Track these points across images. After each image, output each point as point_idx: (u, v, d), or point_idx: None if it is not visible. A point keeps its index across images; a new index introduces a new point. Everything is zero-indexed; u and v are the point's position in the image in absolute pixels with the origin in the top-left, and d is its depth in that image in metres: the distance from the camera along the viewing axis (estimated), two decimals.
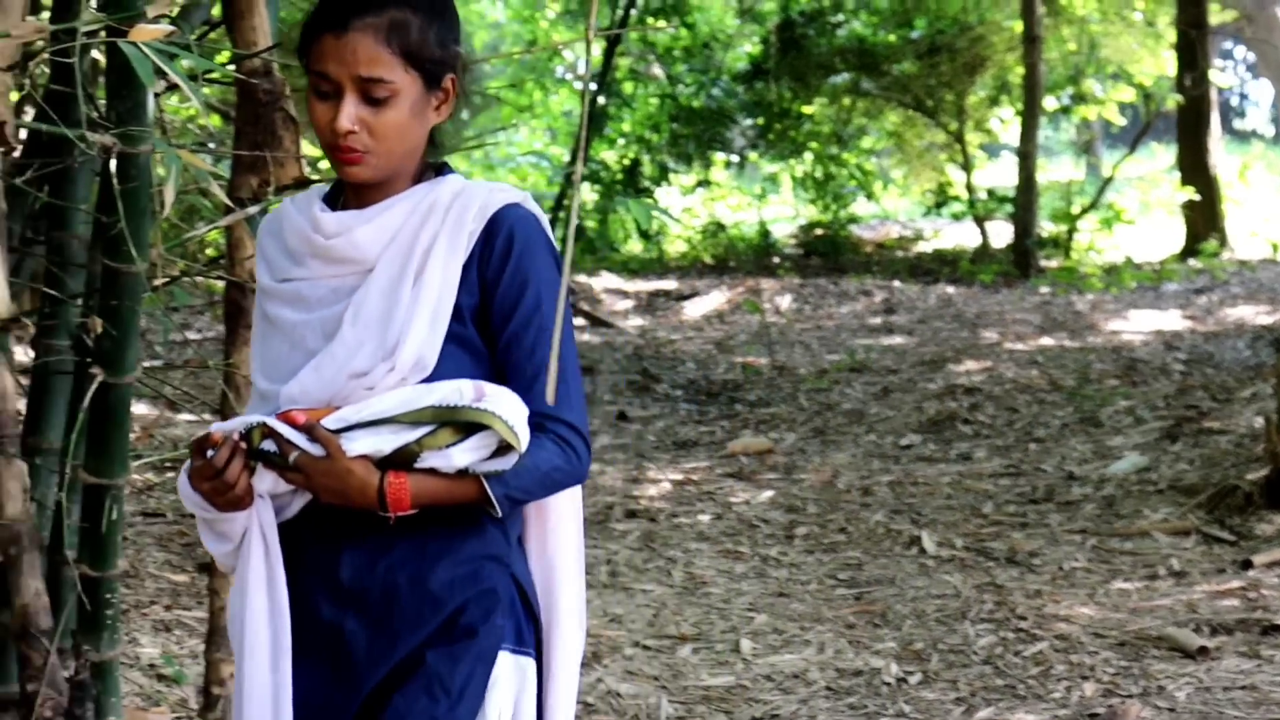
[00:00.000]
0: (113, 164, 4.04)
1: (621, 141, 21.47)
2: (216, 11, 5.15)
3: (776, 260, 20.53)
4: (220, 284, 4.86)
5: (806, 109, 21.43)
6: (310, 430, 2.77)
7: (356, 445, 2.76)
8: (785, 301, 16.79)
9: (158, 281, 4.35)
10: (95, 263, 4.42)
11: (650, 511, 8.66)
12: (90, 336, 4.21)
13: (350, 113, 2.79)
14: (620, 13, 13.35)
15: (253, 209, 4.29)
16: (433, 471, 2.78)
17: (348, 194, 2.93)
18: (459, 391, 2.76)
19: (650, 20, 19.63)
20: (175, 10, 4.07)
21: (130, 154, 4.04)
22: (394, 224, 2.86)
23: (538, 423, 2.80)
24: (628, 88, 21.36)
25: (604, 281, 17.96)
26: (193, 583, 6.76)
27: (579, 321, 15.23)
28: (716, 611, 6.93)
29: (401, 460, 2.77)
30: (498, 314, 2.85)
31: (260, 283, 2.96)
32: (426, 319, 2.81)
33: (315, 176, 4.58)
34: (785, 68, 20.65)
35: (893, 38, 20.48)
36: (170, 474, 8.17)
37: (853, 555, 7.79)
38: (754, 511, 8.67)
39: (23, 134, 4.84)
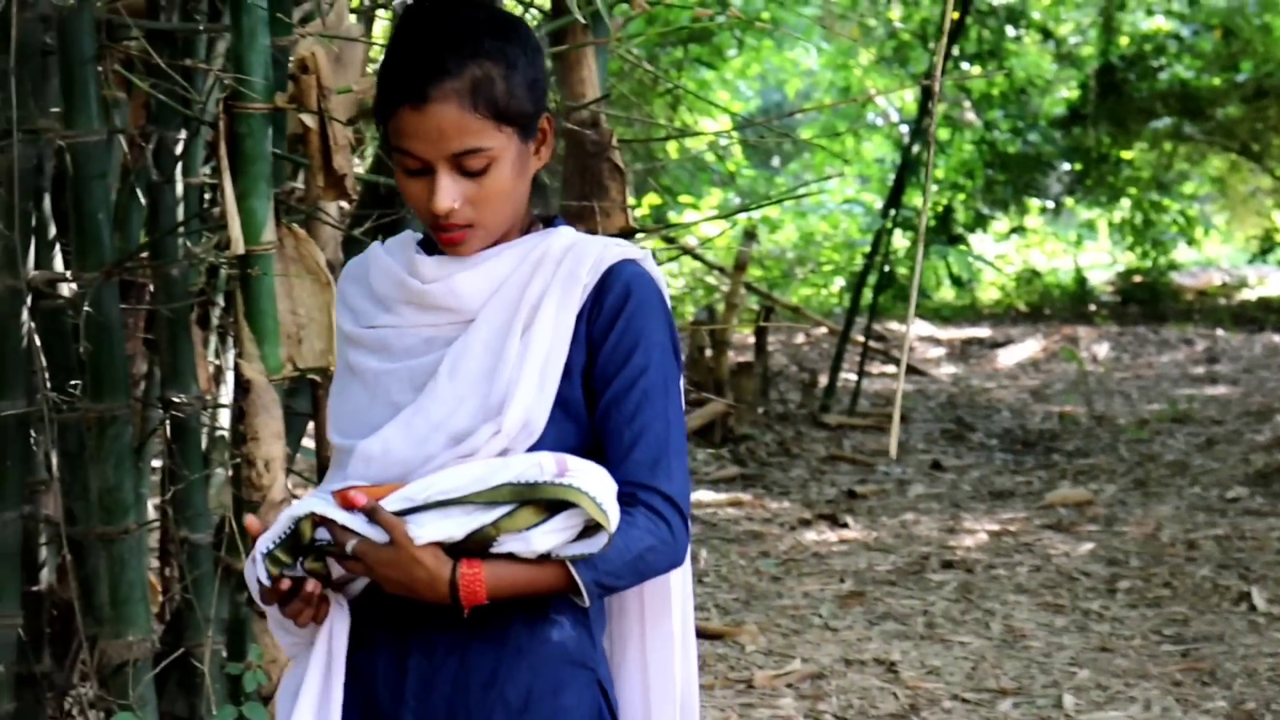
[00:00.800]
0: None
1: (934, 188, 21.31)
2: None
3: (1093, 308, 20.17)
4: None
5: (1126, 154, 21.05)
6: (372, 513, 2.43)
7: (425, 531, 2.41)
8: (1103, 350, 16.48)
9: None
10: None
11: (967, 562, 8.54)
12: None
13: (449, 192, 2.49)
14: (938, 59, 13.24)
15: None
16: (511, 557, 2.44)
17: None
18: (539, 466, 2.43)
19: (968, 68, 19.48)
20: None
21: None
22: (501, 273, 2.56)
23: (630, 493, 2.49)
24: (942, 134, 21.20)
25: (916, 328, 17.82)
26: None
27: (889, 369, 15.13)
28: (1037, 665, 6.80)
29: (476, 546, 2.43)
30: (601, 374, 2.54)
31: (342, 329, 2.68)
32: (535, 377, 2.51)
33: (637, 227, 4.62)
34: (1104, 112, 20.31)
35: (1217, 81, 20.01)
36: None
37: (1178, 610, 7.58)
38: (1074, 564, 8.50)
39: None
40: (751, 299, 15.14)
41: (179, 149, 4.75)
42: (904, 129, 20.48)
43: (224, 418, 5.38)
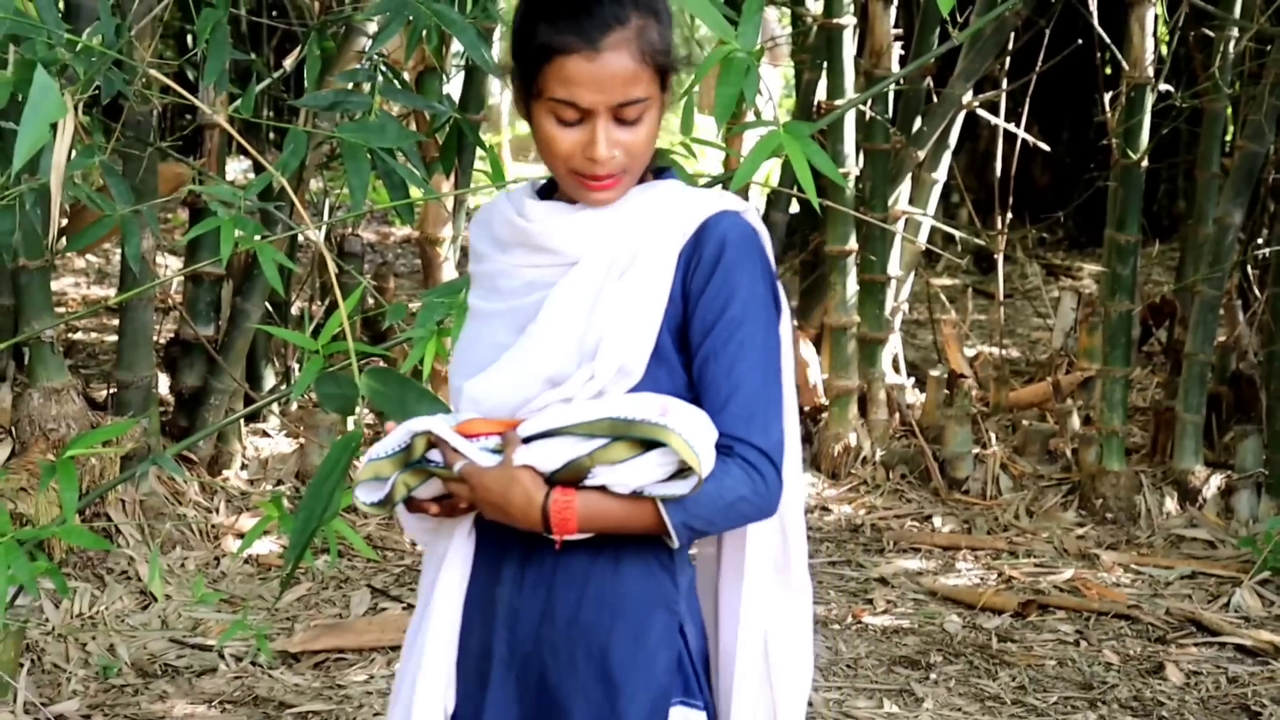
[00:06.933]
0: None
1: None
2: None
3: None
4: None
5: None
6: (505, 437, 2.56)
7: (525, 454, 2.53)
8: None
9: None
10: None
11: None
12: None
13: (608, 139, 2.56)
14: None
15: None
16: (604, 491, 2.53)
17: (562, 189, 2.69)
18: (641, 405, 2.52)
19: None
20: None
21: None
22: (605, 219, 2.62)
23: (726, 445, 2.53)
24: None
25: None
26: None
27: None
28: None
29: (571, 477, 2.52)
30: (698, 327, 2.58)
31: (469, 270, 2.81)
32: (632, 321, 2.57)
33: None
34: None
35: None
36: None
37: None
38: None
39: None
40: None
41: None
42: None
43: None
